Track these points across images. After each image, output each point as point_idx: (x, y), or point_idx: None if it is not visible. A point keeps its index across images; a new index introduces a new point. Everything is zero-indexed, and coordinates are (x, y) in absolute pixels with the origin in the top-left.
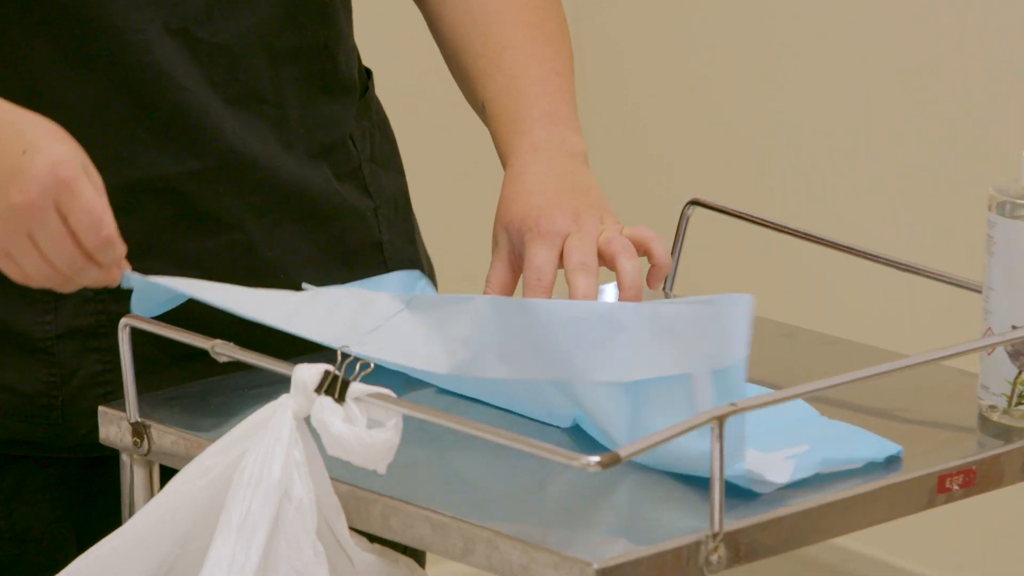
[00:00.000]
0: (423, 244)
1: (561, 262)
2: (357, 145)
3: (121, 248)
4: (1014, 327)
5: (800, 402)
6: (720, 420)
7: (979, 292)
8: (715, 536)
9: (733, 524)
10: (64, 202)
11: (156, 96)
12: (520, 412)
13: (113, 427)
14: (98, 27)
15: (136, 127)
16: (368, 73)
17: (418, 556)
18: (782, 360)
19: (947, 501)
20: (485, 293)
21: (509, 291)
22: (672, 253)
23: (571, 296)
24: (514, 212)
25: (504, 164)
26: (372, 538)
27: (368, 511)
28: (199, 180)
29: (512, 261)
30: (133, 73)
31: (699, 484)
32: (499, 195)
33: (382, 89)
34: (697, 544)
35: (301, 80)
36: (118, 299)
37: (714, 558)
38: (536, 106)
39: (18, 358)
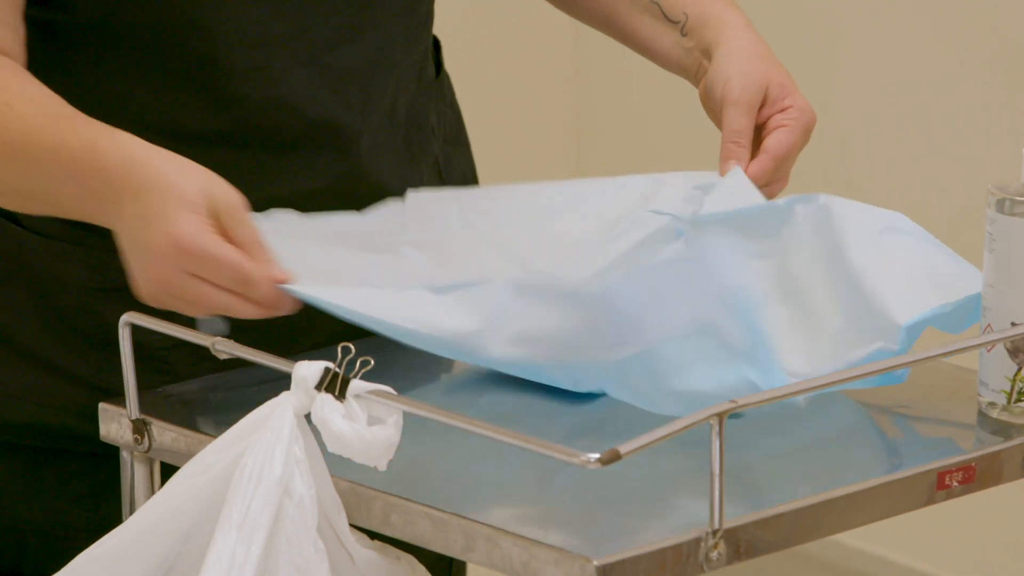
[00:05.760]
0: None
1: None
2: (435, 132)
3: (265, 282)
4: (1013, 324)
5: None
6: (720, 417)
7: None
8: (715, 532)
9: (733, 520)
10: (195, 267)
11: (281, 126)
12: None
13: (114, 424)
14: (224, 68)
15: (262, 154)
16: (437, 45)
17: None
18: None
19: (947, 498)
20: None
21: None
22: None
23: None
24: (763, 76)
25: (710, 43)
26: (373, 535)
27: (369, 508)
28: (315, 201)
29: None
30: (259, 107)
31: (698, 481)
32: (723, 62)
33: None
34: (697, 540)
35: (406, 86)
36: (226, 317)
37: (714, 554)
38: None
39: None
